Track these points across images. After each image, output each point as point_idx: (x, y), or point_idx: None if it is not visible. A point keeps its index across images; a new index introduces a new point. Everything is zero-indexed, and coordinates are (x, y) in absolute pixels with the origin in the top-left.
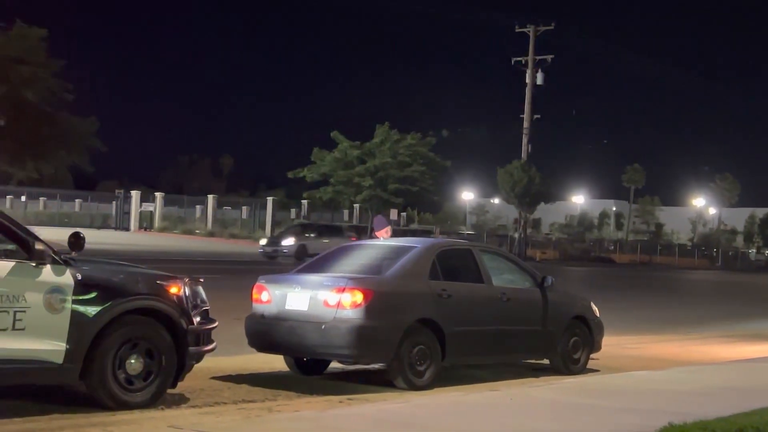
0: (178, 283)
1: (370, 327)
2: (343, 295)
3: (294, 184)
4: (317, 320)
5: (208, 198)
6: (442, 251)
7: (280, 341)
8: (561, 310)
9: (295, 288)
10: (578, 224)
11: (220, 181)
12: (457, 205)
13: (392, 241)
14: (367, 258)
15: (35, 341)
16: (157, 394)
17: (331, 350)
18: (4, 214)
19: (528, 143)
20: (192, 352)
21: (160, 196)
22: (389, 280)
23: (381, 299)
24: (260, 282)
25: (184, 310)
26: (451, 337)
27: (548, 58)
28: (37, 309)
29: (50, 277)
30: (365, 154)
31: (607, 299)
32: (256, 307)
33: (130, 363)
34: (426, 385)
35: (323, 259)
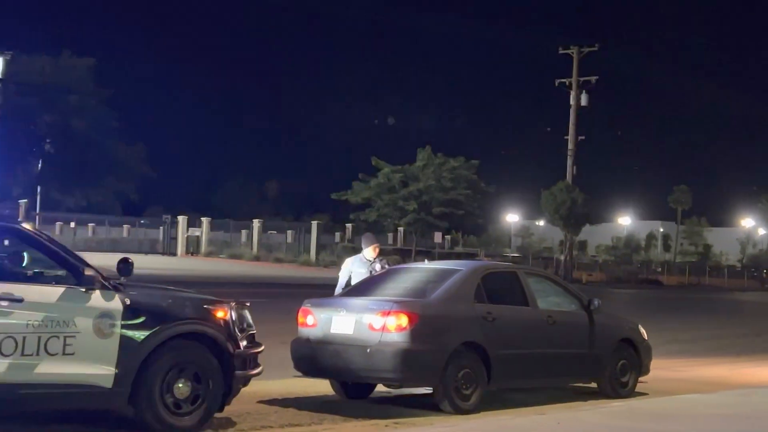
0: (224, 307)
1: (415, 350)
2: (388, 319)
3: (338, 207)
4: (362, 344)
5: (254, 222)
6: (487, 274)
7: (326, 365)
8: (608, 333)
9: (341, 311)
10: (625, 246)
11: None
12: (501, 228)
13: (437, 264)
14: (412, 281)
15: (85, 366)
16: (204, 418)
17: (377, 374)
18: (54, 240)
19: (573, 165)
20: (239, 375)
21: (206, 221)
22: (434, 303)
23: (426, 322)
24: (306, 306)
25: (231, 334)
26: (497, 360)
27: (592, 79)
28: (87, 334)
29: (99, 303)
30: (409, 178)
31: (655, 321)
32: (301, 331)
33: (178, 387)
34: (472, 408)
35: (368, 283)
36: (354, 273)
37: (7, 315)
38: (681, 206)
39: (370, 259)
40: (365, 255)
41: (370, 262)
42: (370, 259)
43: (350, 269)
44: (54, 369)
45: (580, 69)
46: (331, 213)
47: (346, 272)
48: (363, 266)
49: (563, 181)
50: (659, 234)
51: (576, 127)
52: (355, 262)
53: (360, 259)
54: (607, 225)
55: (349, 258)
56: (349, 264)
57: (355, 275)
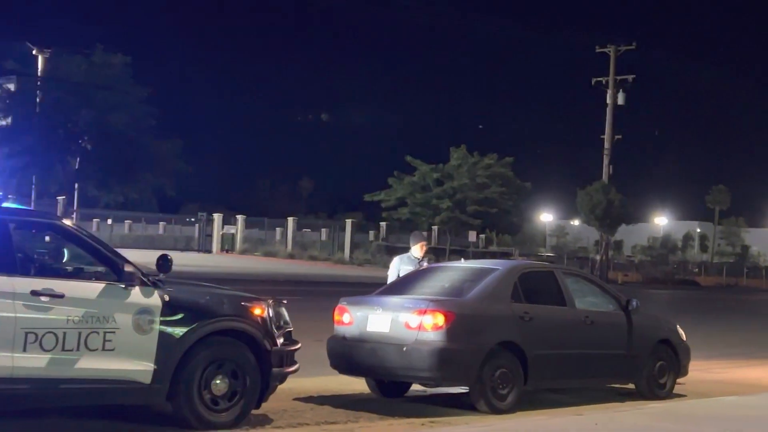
0: (261, 304)
1: (451, 349)
2: (424, 317)
3: (372, 205)
4: (398, 342)
5: (288, 220)
6: (524, 273)
7: (362, 363)
8: (646, 334)
9: (377, 310)
10: (661, 246)
11: (300, 203)
12: (536, 227)
13: (474, 263)
14: (448, 280)
15: (124, 362)
16: (241, 414)
17: (413, 372)
18: (94, 236)
19: (609, 164)
20: (275, 373)
21: (241, 218)
22: (471, 303)
23: (462, 321)
24: (342, 304)
25: (268, 331)
26: (534, 360)
27: (629, 78)
28: (126, 330)
29: (139, 299)
30: (443, 176)
31: (693, 322)
32: (337, 329)
33: (216, 383)
34: (508, 408)
35: (404, 282)
36: (402, 271)
37: (48, 310)
38: (719, 206)
39: (418, 257)
40: (413, 253)
41: (418, 260)
42: (418, 257)
43: (398, 267)
44: (94, 364)
45: (617, 68)
46: (365, 211)
47: (394, 271)
48: (411, 264)
49: (599, 181)
50: (696, 234)
51: (612, 126)
52: (403, 260)
53: (408, 257)
54: (644, 225)
55: (397, 257)
56: (397, 262)
57: (403, 273)
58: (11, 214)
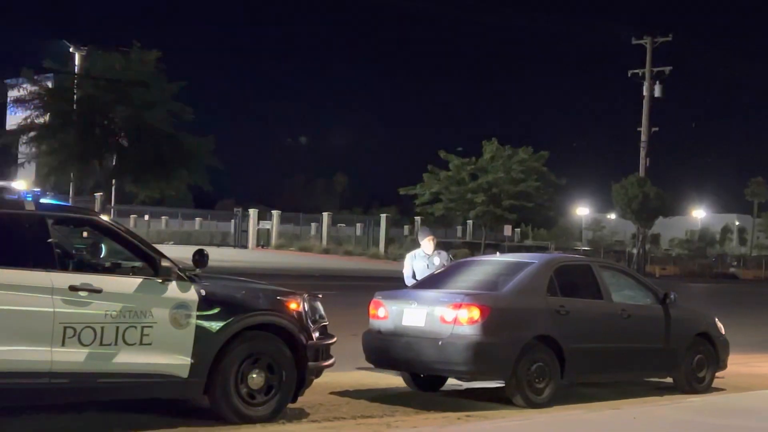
0: (297, 299)
1: (487, 343)
2: (459, 312)
3: (406, 200)
4: (434, 336)
5: (323, 215)
6: (560, 267)
7: (397, 357)
8: (684, 327)
9: (412, 304)
10: (699, 239)
11: (335, 198)
12: (572, 221)
13: (509, 257)
14: (484, 274)
15: (161, 356)
16: (278, 408)
17: (448, 366)
18: (132, 232)
19: (646, 157)
20: (311, 367)
21: (276, 214)
22: (506, 296)
23: (498, 315)
24: (377, 298)
25: (304, 325)
26: (570, 354)
27: (666, 69)
28: (163, 324)
29: (176, 294)
30: (477, 171)
31: (732, 316)
32: (373, 323)
33: (252, 377)
34: (545, 402)
35: (439, 276)
36: (414, 267)
37: (87, 305)
38: (757, 199)
39: (428, 253)
40: (423, 248)
41: (428, 256)
42: (428, 252)
43: (411, 264)
44: (131, 359)
45: (654, 60)
46: (399, 206)
47: (408, 268)
48: (422, 260)
49: (635, 175)
50: (735, 227)
51: (649, 118)
52: (415, 256)
53: (419, 253)
54: (681, 218)
55: (410, 253)
56: (409, 259)
57: (415, 269)
58: (49, 210)
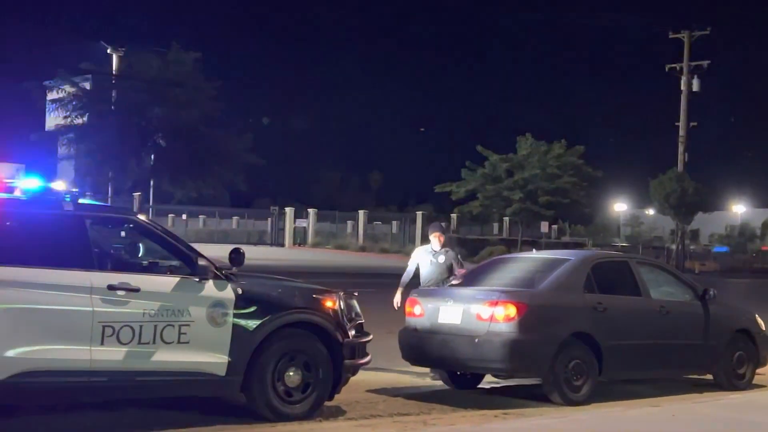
0: (333, 297)
1: (523, 341)
2: (495, 309)
3: (442, 197)
4: (470, 334)
5: (359, 213)
6: (597, 263)
7: (434, 355)
8: (724, 324)
9: (448, 301)
10: (739, 235)
11: (370, 196)
12: (610, 217)
13: (546, 254)
14: (520, 271)
15: (199, 354)
16: (314, 406)
17: (485, 364)
18: (169, 231)
19: (684, 152)
20: (348, 364)
21: (312, 212)
22: (543, 293)
23: (535, 313)
24: (413, 296)
25: (340, 323)
26: (608, 351)
27: (704, 63)
28: (201, 323)
29: (213, 292)
30: (513, 167)
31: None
32: (409, 321)
33: (289, 375)
34: (583, 400)
35: (475, 273)
36: (420, 263)
37: (125, 304)
38: None
39: (436, 249)
40: (431, 244)
41: (435, 252)
42: (436, 249)
43: (416, 259)
44: (169, 357)
45: (692, 53)
46: (436, 203)
47: (413, 262)
48: (428, 255)
49: (673, 170)
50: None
51: (687, 113)
52: (420, 251)
53: (426, 249)
54: (721, 213)
55: (418, 247)
56: (414, 253)
57: (421, 265)
58: (88, 210)
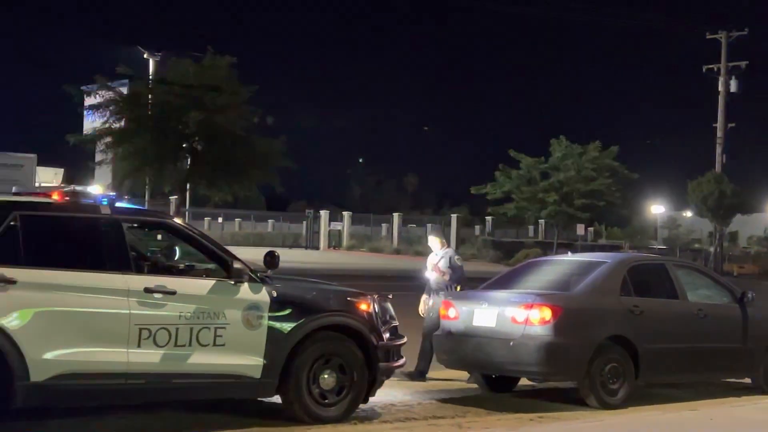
0: (367, 299)
1: (559, 344)
2: (531, 312)
3: (477, 200)
4: (505, 337)
5: (394, 216)
6: (633, 266)
7: (468, 358)
8: (763, 327)
9: (483, 304)
10: None
11: (405, 199)
12: (646, 219)
13: (581, 256)
14: (555, 274)
15: (234, 357)
16: (349, 408)
17: (520, 367)
18: (205, 234)
19: (722, 153)
20: (382, 367)
21: (347, 215)
22: (578, 296)
23: (570, 316)
24: (448, 299)
25: (374, 326)
26: (645, 354)
27: (742, 64)
28: (236, 325)
29: (248, 295)
30: (549, 169)
31: None
32: (443, 324)
33: (324, 378)
34: (619, 403)
35: (510, 276)
36: (428, 267)
37: (161, 307)
38: None
39: (436, 253)
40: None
41: (435, 256)
42: (436, 252)
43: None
44: (205, 359)
45: (729, 54)
46: (471, 206)
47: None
48: (431, 259)
49: (711, 172)
50: None
51: (725, 114)
52: (430, 256)
53: (432, 253)
54: (760, 215)
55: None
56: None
57: (428, 269)
58: (125, 214)
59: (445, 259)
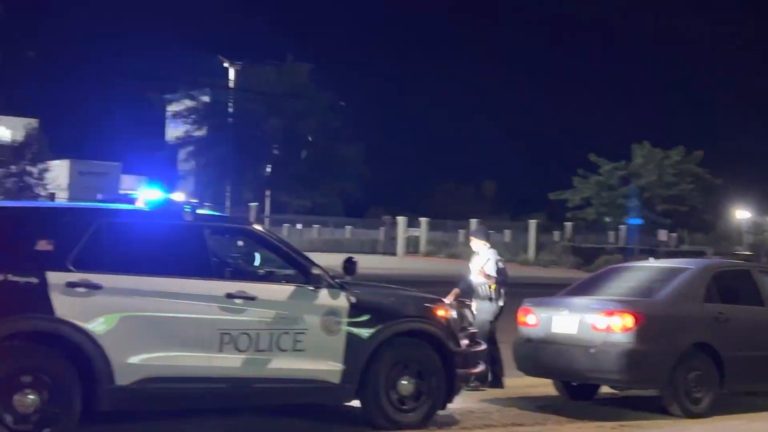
0: (445, 305)
1: (641, 351)
2: (612, 319)
3: (556, 205)
4: (586, 344)
5: (471, 222)
6: (718, 272)
7: (548, 365)
8: None
9: (563, 311)
10: None
11: (483, 205)
12: (731, 225)
13: (664, 263)
14: (636, 280)
15: (313, 362)
16: (428, 415)
17: (601, 375)
18: (284, 240)
19: None
20: (460, 374)
21: (425, 221)
22: (661, 303)
23: (653, 323)
24: (526, 305)
25: (452, 332)
26: (730, 362)
27: None
28: (315, 331)
29: (327, 301)
30: (629, 175)
31: None
32: (522, 330)
33: (402, 384)
34: (703, 412)
35: (590, 282)
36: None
37: (242, 312)
38: None
39: (482, 256)
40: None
41: (483, 260)
42: (481, 255)
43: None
44: (285, 364)
45: None
46: (550, 211)
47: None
48: (476, 262)
49: None
50: None
51: None
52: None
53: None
54: None
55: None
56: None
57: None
58: (206, 221)
59: (491, 261)
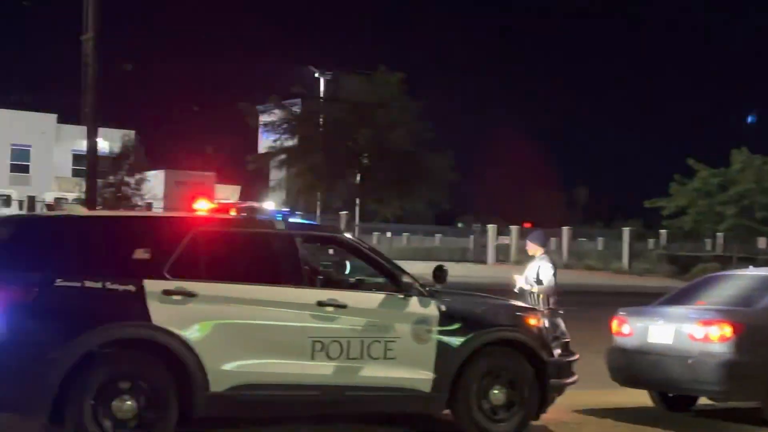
0: (537, 314)
1: (740, 362)
2: (710, 329)
3: (651, 213)
4: (682, 354)
5: (563, 230)
6: None
7: (643, 375)
8: None
9: (658, 321)
10: None
11: (575, 212)
12: None
13: (764, 271)
14: (735, 289)
15: (404, 370)
16: (520, 425)
17: (698, 386)
18: (374, 249)
19: None
20: (553, 384)
21: (515, 229)
22: (761, 313)
23: (752, 333)
24: (621, 314)
25: (545, 342)
26: None
27: None
28: (406, 339)
29: (417, 309)
30: (727, 182)
31: None
32: (616, 340)
33: (494, 393)
34: None
35: (687, 291)
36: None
37: (333, 320)
38: None
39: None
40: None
41: (536, 265)
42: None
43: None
44: (376, 372)
45: None
46: (644, 219)
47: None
48: (531, 268)
49: None
50: None
51: None
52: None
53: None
54: None
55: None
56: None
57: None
58: (298, 229)
59: (542, 268)
